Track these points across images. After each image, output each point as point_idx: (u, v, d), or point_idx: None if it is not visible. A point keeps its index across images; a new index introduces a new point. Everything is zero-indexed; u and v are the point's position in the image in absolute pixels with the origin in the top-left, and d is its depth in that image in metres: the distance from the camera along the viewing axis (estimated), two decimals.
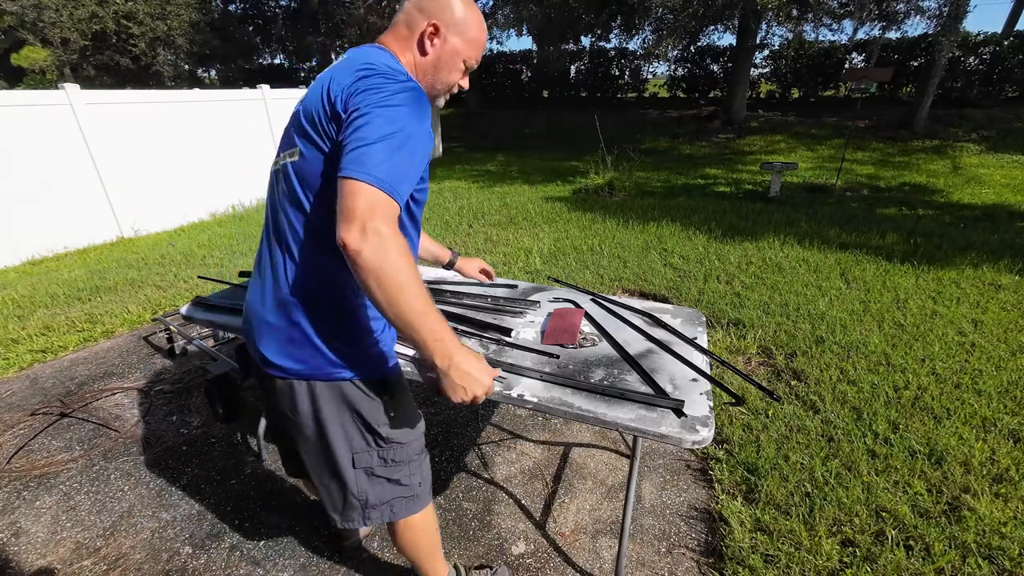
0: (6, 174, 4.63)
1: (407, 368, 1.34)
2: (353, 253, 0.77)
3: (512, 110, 15.21)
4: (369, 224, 0.77)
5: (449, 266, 1.73)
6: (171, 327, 2.92)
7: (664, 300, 3.38)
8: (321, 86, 0.94)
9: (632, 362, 1.39)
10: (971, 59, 11.54)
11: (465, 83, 1.13)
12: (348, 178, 0.79)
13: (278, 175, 1.02)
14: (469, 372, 0.87)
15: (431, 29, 1.01)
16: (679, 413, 1.16)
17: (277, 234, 1.00)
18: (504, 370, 1.35)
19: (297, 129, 0.96)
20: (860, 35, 10.91)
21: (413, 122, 0.86)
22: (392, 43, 1.04)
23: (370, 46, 1.02)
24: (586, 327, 1.62)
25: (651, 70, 16.09)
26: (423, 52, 1.04)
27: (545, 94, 16.57)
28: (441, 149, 11.69)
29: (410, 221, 1.06)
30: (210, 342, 2.84)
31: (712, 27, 10.12)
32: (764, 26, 10.17)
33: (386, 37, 1.05)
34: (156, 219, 5.91)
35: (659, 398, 1.21)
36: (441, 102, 1.15)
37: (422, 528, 1.22)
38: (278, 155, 1.03)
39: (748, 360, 2.69)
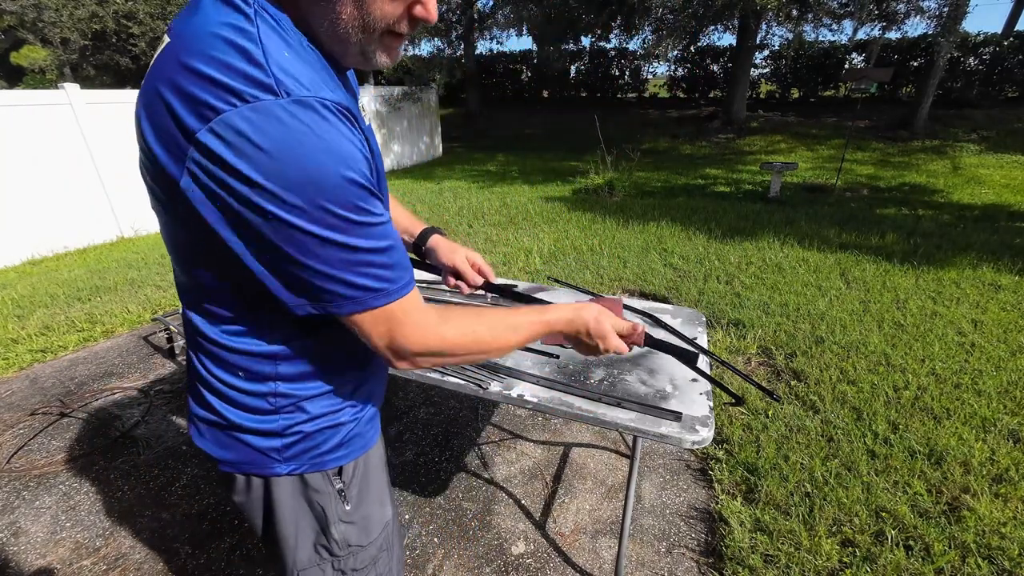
0: (5, 174, 4.63)
1: None
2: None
3: (512, 110, 15.21)
4: (403, 351, 0.65)
5: (421, 249, 1.09)
6: (171, 327, 2.92)
7: (664, 300, 3.38)
8: None
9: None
10: (971, 59, 11.54)
11: (430, 11, 0.58)
12: (344, 315, 0.62)
13: None
14: (595, 339, 0.85)
15: None
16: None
17: None
18: (502, 374, 1.35)
19: None
20: (860, 35, 10.92)
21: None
22: None
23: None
24: None
25: (651, 70, 16.10)
26: None
27: (545, 94, 16.58)
28: (441, 149, 11.69)
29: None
30: None
31: (712, 27, 10.11)
32: (764, 26, 10.18)
33: None
34: (156, 219, 5.91)
35: (656, 408, 1.21)
36: (382, 59, 0.62)
37: None
38: None
39: (748, 360, 2.69)
